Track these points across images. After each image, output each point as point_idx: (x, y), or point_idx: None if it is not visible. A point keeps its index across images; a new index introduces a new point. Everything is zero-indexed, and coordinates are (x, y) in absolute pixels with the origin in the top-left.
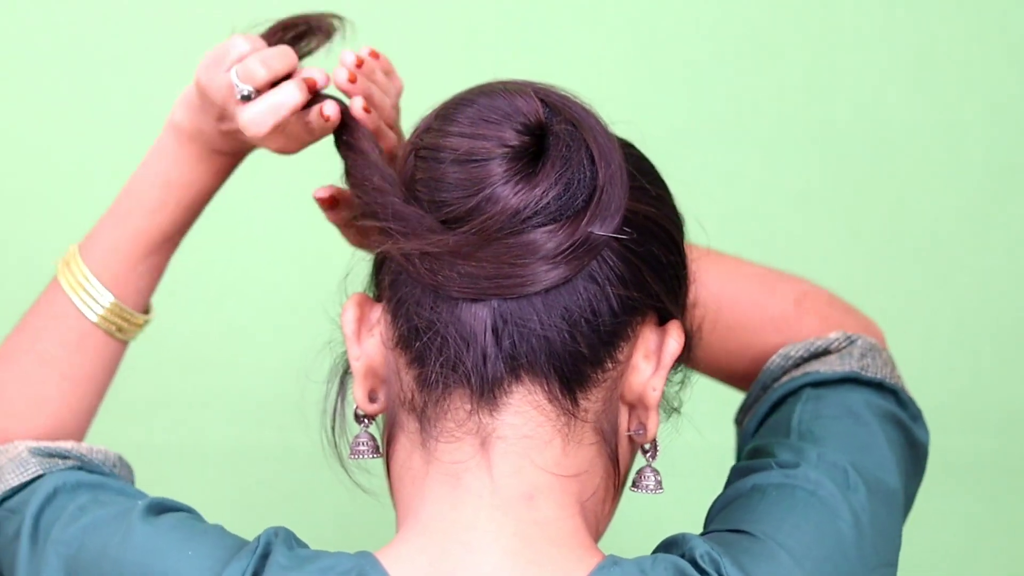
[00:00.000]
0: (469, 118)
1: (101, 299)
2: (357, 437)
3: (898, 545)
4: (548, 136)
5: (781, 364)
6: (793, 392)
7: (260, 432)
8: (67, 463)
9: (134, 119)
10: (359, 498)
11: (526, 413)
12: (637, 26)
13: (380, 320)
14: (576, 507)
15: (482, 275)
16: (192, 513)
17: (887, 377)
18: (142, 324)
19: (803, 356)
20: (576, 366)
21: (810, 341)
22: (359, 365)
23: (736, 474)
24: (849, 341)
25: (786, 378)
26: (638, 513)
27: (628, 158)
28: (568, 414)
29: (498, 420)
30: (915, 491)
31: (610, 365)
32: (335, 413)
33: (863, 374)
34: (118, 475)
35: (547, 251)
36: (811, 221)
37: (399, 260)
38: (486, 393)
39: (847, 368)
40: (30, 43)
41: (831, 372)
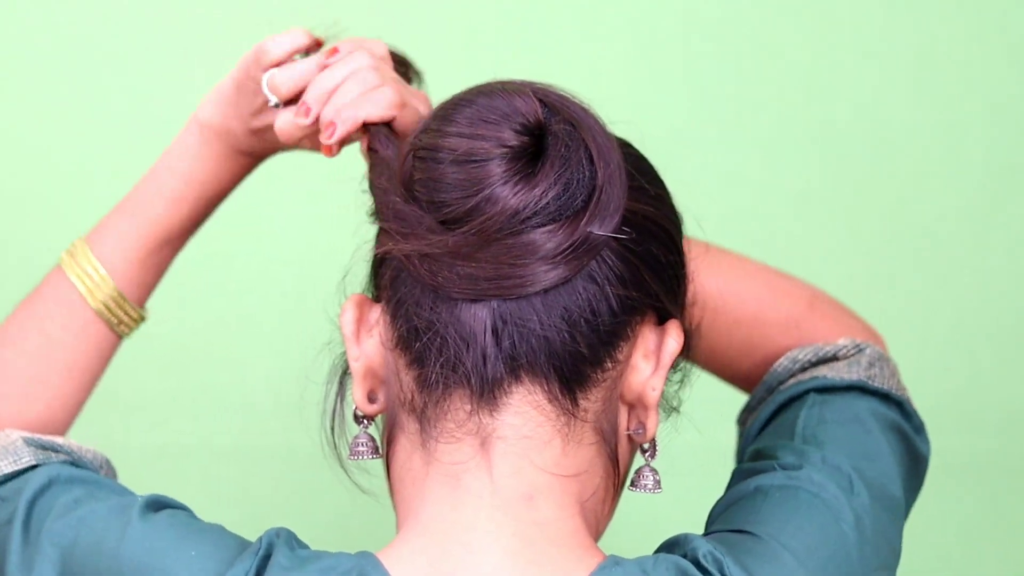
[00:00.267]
0: (468, 118)
1: (105, 287)
2: (356, 438)
3: (898, 552)
4: (547, 136)
5: (788, 367)
6: (798, 396)
7: (260, 432)
8: (59, 457)
9: (134, 119)
10: (359, 498)
11: (526, 413)
12: (637, 26)
13: (379, 321)
14: (576, 507)
15: (482, 276)
16: (188, 511)
17: (893, 388)
18: (138, 321)
19: (811, 360)
20: (576, 366)
21: (818, 346)
22: (358, 366)
23: (739, 476)
24: (858, 349)
25: (792, 381)
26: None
27: (627, 158)
28: (568, 414)
29: (498, 420)
30: (912, 502)
31: (610, 365)
32: (334, 414)
33: (870, 383)
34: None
35: (546, 251)
36: (811, 221)
37: (400, 260)
38: (486, 393)
39: (855, 376)
40: (30, 43)
41: (839, 379)
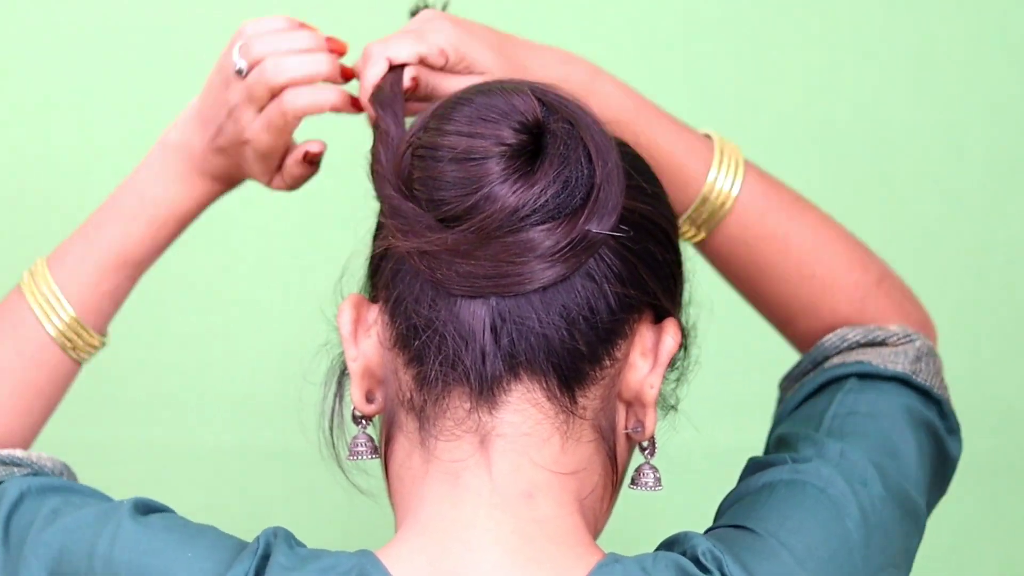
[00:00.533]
0: (467, 117)
1: (62, 313)
2: (355, 438)
3: (911, 552)
4: (545, 134)
5: (836, 344)
6: (838, 379)
7: (260, 432)
8: (22, 471)
9: (135, 119)
10: (358, 498)
11: (525, 411)
12: (637, 26)
13: (377, 320)
14: (575, 505)
15: (481, 273)
16: (175, 514)
17: (935, 386)
18: (97, 346)
19: (859, 341)
20: (574, 364)
21: (869, 328)
22: (356, 366)
23: (752, 467)
24: (908, 339)
25: (837, 360)
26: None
27: (623, 156)
28: (567, 412)
29: (497, 418)
30: (935, 503)
31: (608, 363)
32: (333, 414)
33: (914, 378)
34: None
35: (545, 249)
36: None
37: (400, 256)
38: (485, 391)
39: (899, 368)
40: (29, 43)
41: (882, 368)
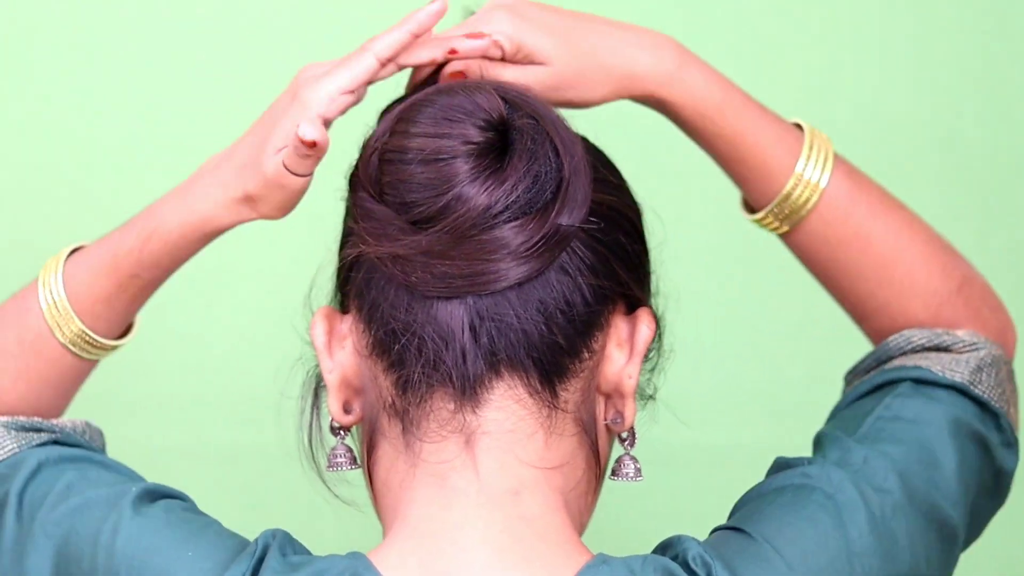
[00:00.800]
0: (431, 118)
1: (60, 305)
2: (334, 449)
3: (932, 563)
4: (511, 131)
5: (900, 345)
6: (893, 382)
7: (260, 432)
8: (41, 437)
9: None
10: (359, 497)
11: (508, 408)
12: None
13: (351, 330)
14: (560, 500)
15: (456, 273)
16: (186, 501)
17: (994, 399)
18: (95, 345)
19: (923, 344)
20: (554, 357)
21: (936, 332)
22: (333, 377)
23: (775, 467)
24: (973, 347)
25: (899, 361)
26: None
27: (586, 149)
28: (549, 406)
29: (481, 417)
30: (989, 515)
31: (587, 355)
32: (311, 427)
33: (971, 389)
34: (94, 446)
35: (519, 245)
36: None
37: (373, 261)
38: (468, 391)
39: (958, 377)
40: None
41: (940, 375)
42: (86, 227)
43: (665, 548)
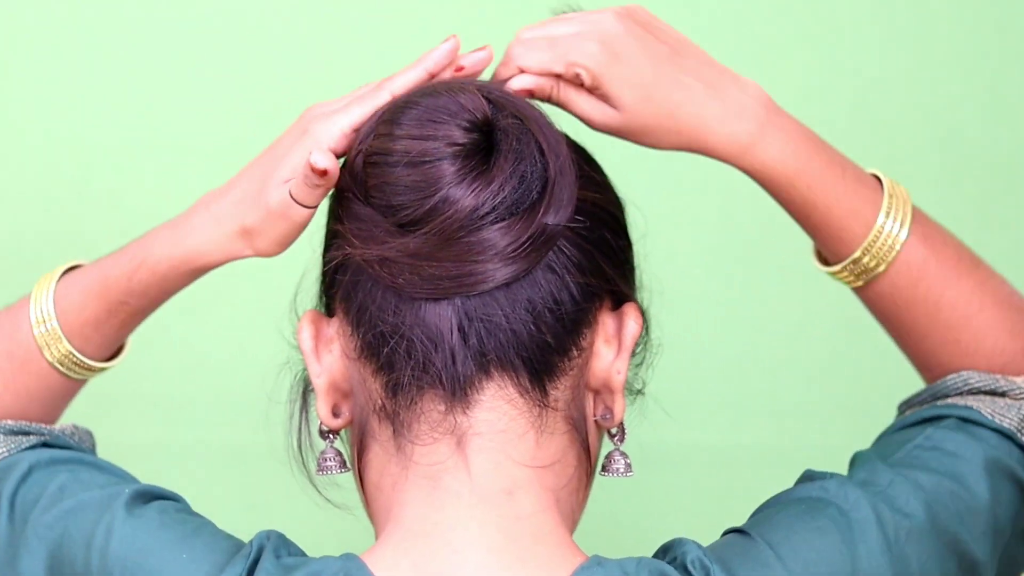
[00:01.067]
0: (415, 120)
1: (49, 323)
2: (323, 453)
3: None
4: (496, 131)
5: (957, 386)
6: (940, 418)
7: (260, 432)
8: (31, 440)
9: (136, 119)
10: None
11: (499, 408)
12: None
13: (338, 333)
14: (552, 500)
15: (444, 275)
16: (179, 502)
17: None
18: (81, 366)
19: (979, 388)
20: (544, 357)
21: (995, 377)
22: (321, 381)
23: (802, 478)
24: None
25: (952, 400)
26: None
27: (570, 148)
28: (540, 405)
29: (472, 417)
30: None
31: (575, 353)
32: (300, 432)
33: (1018, 436)
34: (84, 447)
35: (506, 245)
36: None
37: (359, 264)
38: (458, 392)
39: (1006, 423)
40: (29, 43)
41: (988, 418)
42: (86, 227)
43: (665, 551)
